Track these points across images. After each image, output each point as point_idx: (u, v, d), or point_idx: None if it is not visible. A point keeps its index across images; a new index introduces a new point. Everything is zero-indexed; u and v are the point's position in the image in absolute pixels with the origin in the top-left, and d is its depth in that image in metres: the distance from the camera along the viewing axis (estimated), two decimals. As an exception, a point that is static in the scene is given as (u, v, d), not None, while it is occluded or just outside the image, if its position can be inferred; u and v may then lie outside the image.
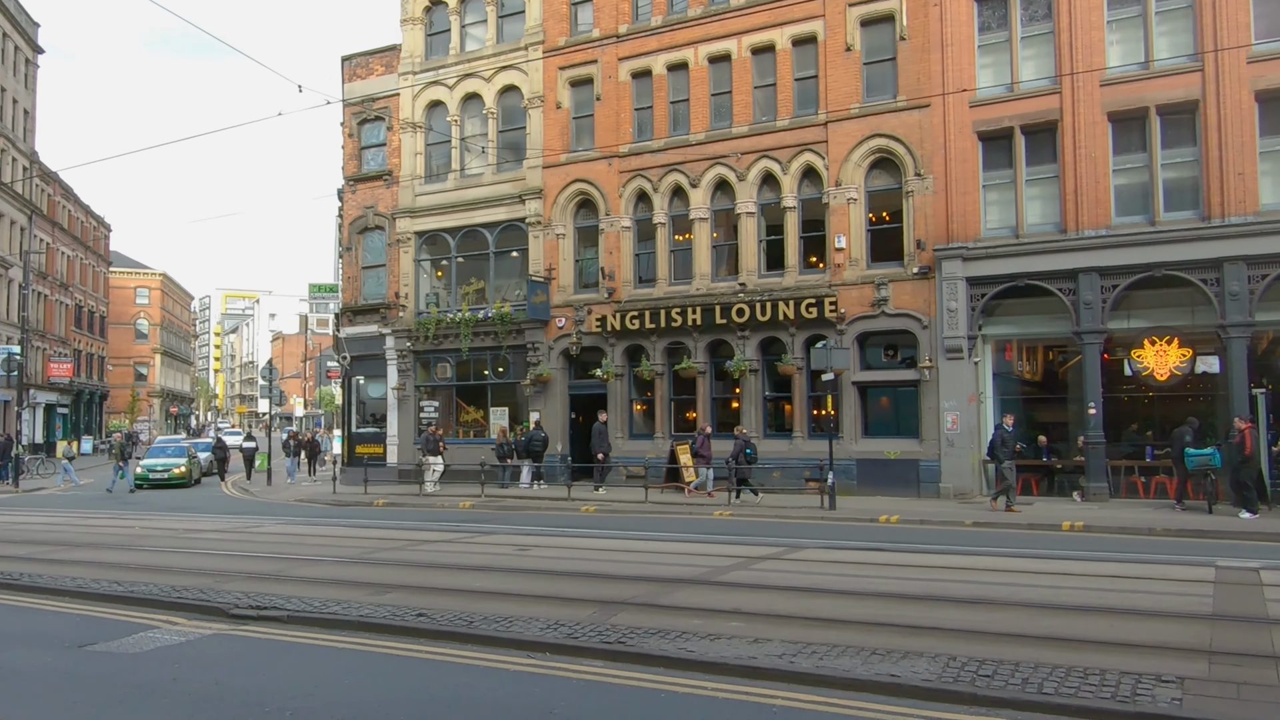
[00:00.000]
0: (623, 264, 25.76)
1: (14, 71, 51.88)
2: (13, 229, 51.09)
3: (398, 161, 28.98)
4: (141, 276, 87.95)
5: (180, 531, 17.94)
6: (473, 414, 28.10)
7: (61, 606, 10.80)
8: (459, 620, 8.96)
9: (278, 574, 12.37)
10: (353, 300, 29.57)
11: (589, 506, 21.31)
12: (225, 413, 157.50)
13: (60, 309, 59.69)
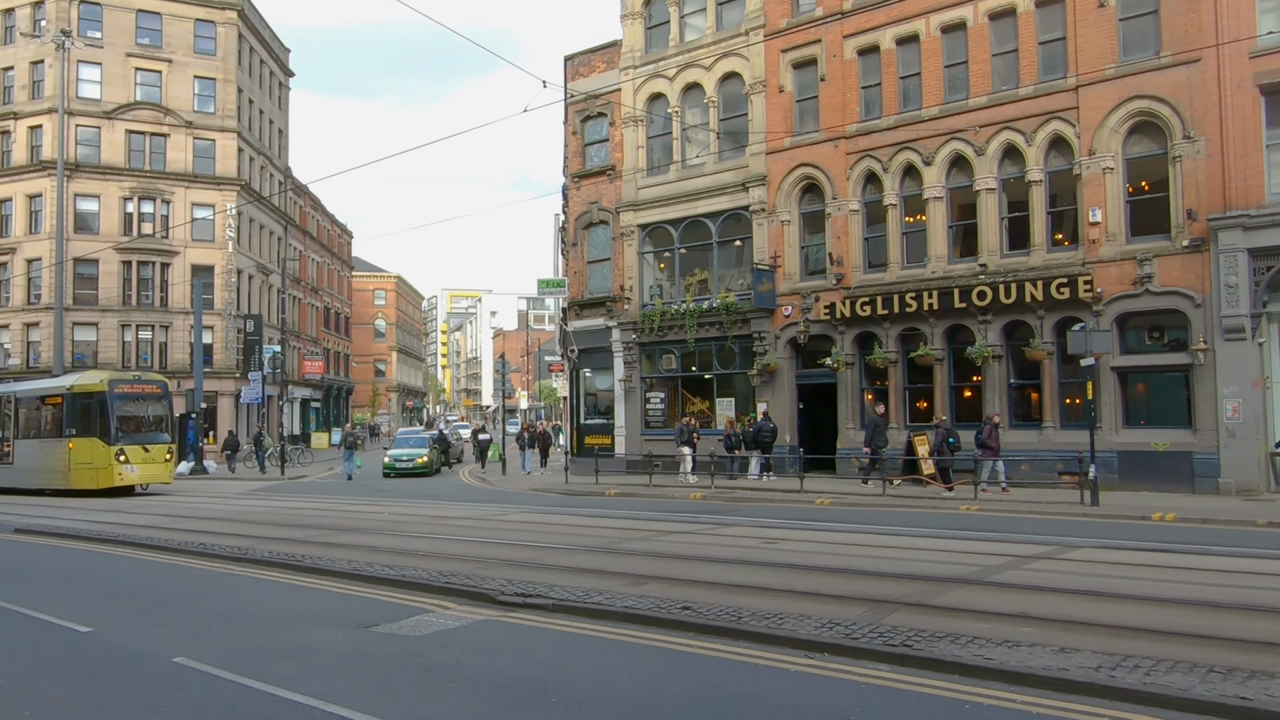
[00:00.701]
0: (851, 249, 24.90)
1: (270, 95, 56.79)
2: (271, 238, 55.97)
3: (620, 156, 29.34)
4: (379, 279, 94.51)
5: (432, 518, 18.82)
6: (698, 405, 28.05)
7: (340, 588, 11.41)
8: (726, 615, 8.69)
9: (533, 561, 12.62)
10: (579, 294, 30.23)
11: (824, 499, 20.71)
12: (452, 406, 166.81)
13: (311, 311, 64.97)
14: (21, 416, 29.72)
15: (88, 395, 27.16)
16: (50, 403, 28.62)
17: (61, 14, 46.21)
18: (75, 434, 27.26)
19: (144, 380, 29.54)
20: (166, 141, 48.18)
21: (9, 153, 47.69)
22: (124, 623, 9.82)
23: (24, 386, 31.31)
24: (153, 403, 28.62)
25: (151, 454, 27.38)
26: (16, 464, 29.16)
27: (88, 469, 26.83)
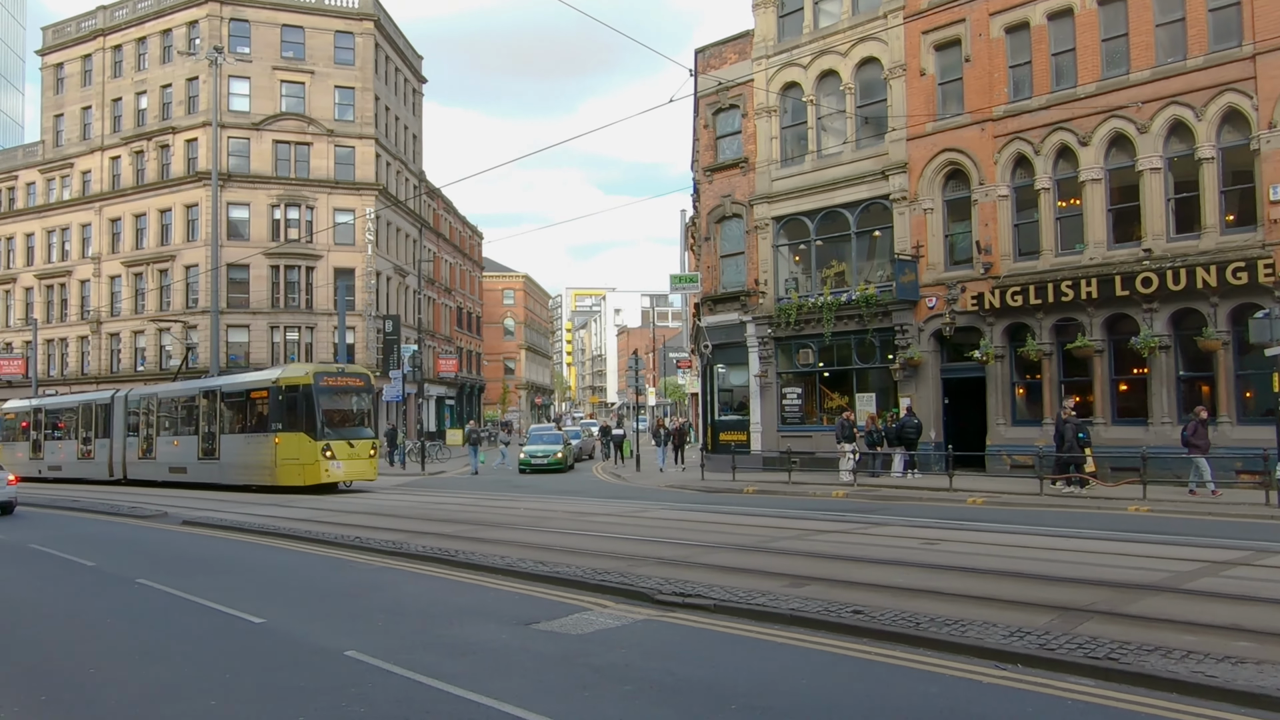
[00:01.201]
0: (1000, 236, 23.78)
1: (404, 101, 58.51)
2: (407, 241, 57.68)
3: (753, 148, 28.86)
4: (507, 279, 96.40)
5: (574, 514, 18.83)
6: (837, 400, 27.32)
7: (495, 583, 11.42)
8: (902, 620, 8.23)
9: (683, 560, 12.38)
10: (712, 289, 29.91)
11: (976, 498, 19.79)
12: (578, 403, 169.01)
13: (445, 311, 66.69)
14: (226, 411, 29.20)
15: (293, 388, 26.32)
16: (255, 396, 27.89)
17: (214, 31, 48.71)
18: (281, 429, 26.42)
19: (347, 373, 28.60)
20: (310, 150, 50.20)
21: (168, 165, 50.58)
22: (294, 614, 10.03)
23: (228, 380, 30.88)
24: (356, 395, 27.76)
25: (356, 449, 26.60)
26: (223, 459, 28.74)
27: (294, 465, 26.07)
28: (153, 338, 50.48)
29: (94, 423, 35.59)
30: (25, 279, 56.35)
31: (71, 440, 37.01)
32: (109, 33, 53.29)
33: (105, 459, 34.70)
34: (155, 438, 32.37)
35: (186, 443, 30.51)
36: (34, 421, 39.85)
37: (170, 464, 31.25)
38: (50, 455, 38.39)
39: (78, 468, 36.28)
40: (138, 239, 51.57)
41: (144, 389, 35.38)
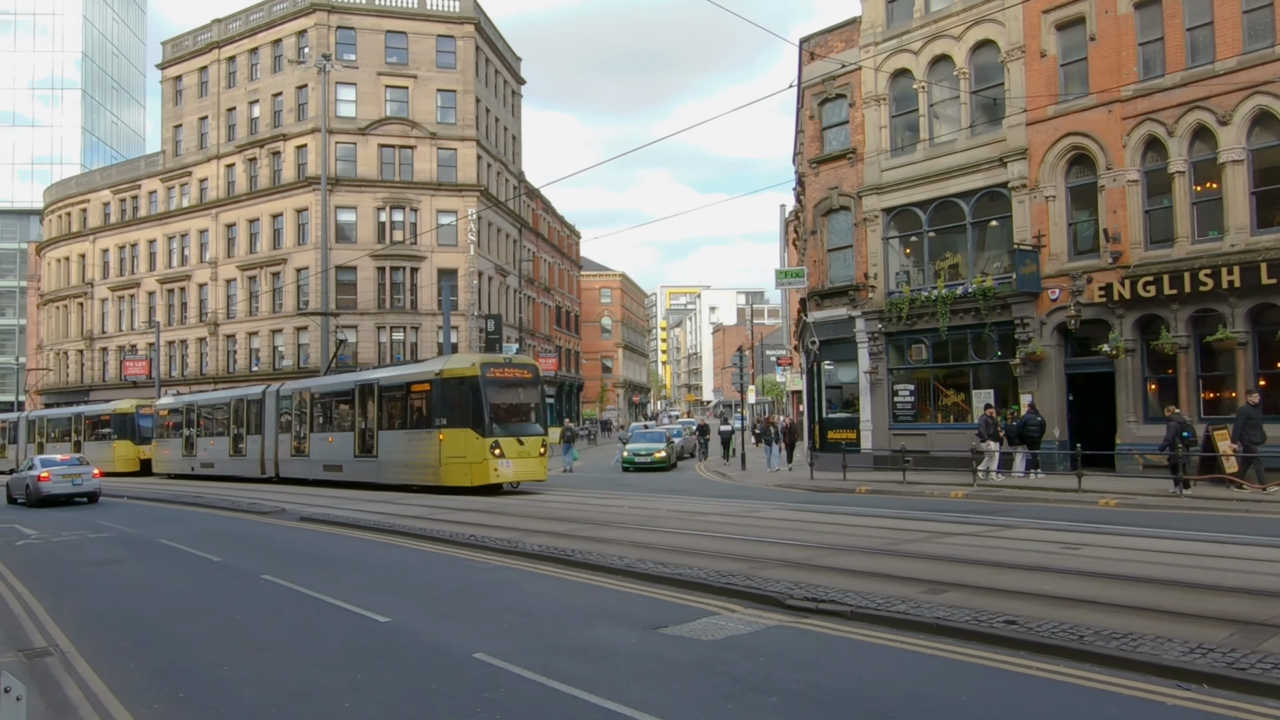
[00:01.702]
0: (1129, 223, 22.52)
1: (503, 103, 59.12)
2: (507, 241, 58.28)
3: (861, 138, 28.06)
4: (604, 278, 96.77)
5: (685, 513, 18.49)
6: (952, 398, 26.35)
7: (615, 584, 11.17)
8: (1064, 633, 7.64)
9: (807, 562, 11.93)
10: (819, 284, 29.20)
11: (1109, 500, 18.72)
12: (674, 401, 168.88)
13: (545, 310, 67.21)
14: (385, 406, 27.35)
15: (458, 380, 24.27)
16: (416, 389, 26.00)
17: (321, 40, 50.00)
18: (445, 424, 24.43)
19: (515, 363, 26.63)
20: (413, 153, 51.10)
21: (279, 171, 52.16)
22: (418, 613, 9.94)
23: (386, 373, 28.71)
24: (525, 389, 25.65)
25: (526, 447, 24.41)
26: (381, 457, 27.12)
27: (460, 464, 24.13)
28: (266, 338, 52.13)
29: (245, 419, 35.01)
30: (148, 283, 58.90)
31: (223, 437, 36.53)
32: (223, 45, 55.25)
33: (257, 456, 34.02)
34: (308, 434, 31.16)
35: (342, 439, 29.16)
36: (186, 418, 39.76)
37: (324, 461, 29.99)
38: (202, 452, 38.16)
39: (229, 465, 35.84)
40: (251, 243, 53.32)
41: (296, 383, 34.11)
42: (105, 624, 10.05)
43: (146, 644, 9.05)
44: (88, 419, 46.76)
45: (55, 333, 66.61)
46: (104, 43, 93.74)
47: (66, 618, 10.41)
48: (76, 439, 46.72)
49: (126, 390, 55.72)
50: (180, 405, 40.92)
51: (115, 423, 44.84)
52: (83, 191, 64.69)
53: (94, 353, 62.58)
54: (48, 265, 68.01)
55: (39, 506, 26.22)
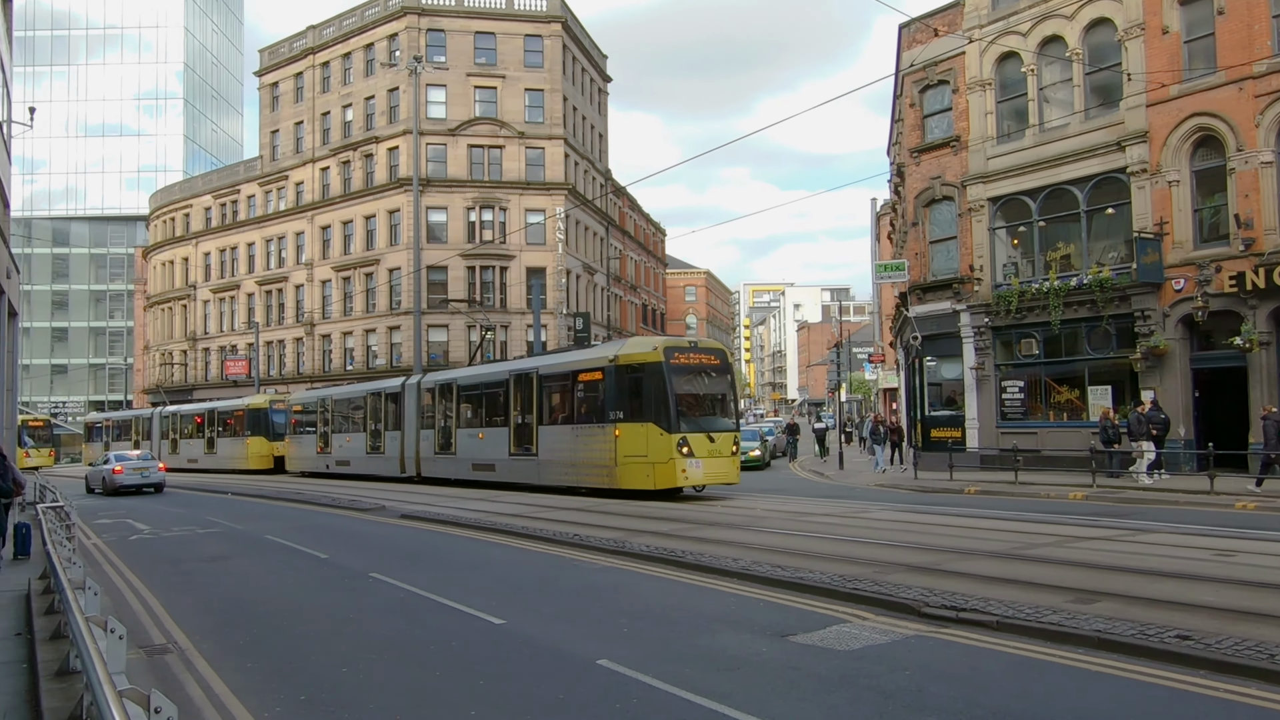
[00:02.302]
0: (1263, 208, 21.10)
1: (590, 101, 59.11)
2: (594, 239, 58.24)
3: (965, 125, 27.02)
4: (689, 275, 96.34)
5: (790, 514, 17.91)
6: (1065, 394, 25.14)
7: (731, 587, 10.71)
8: (1250, 651, 6.91)
9: (933, 566, 11.27)
10: (920, 277, 28.23)
11: (1246, 502, 17.52)
12: (758, 400, 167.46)
13: (631, 308, 67.07)
14: (546, 398, 24.65)
15: (636, 368, 21.15)
16: (585, 379, 22.99)
17: (412, 42, 50.66)
18: (622, 418, 21.39)
19: (702, 348, 22.76)
20: (502, 153, 51.42)
21: (372, 174, 53.04)
22: (533, 616, 9.63)
23: (548, 360, 25.84)
24: (714, 376, 22.16)
25: (717, 444, 21.06)
26: (542, 456, 24.24)
27: (639, 464, 21.09)
28: (360, 338, 53.07)
29: (383, 414, 33.00)
30: (247, 285, 60.58)
31: (359, 433, 34.77)
32: (317, 50, 56.45)
33: (396, 454, 31.98)
34: (455, 430, 28.65)
35: (494, 436, 26.35)
36: (320, 414, 38.15)
37: (474, 460, 27.41)
38: (337, 449, 36.54)
39: (366, 463, 34.01)
40: (345, 244, 54.35)
41: (439, 374, 32.26)
42: (221, 621, 9.99)
43: (263, 643, 8.92)
44: (220, 414, 46.10)
45: (160, 334, 69.07)
46: (204, 53, 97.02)
47: (183, 614, 10.40)
48: (209, 435, 46.61)
49: (227, 389, 57.42)
50: (313, 400, 39.49)
51: (248, 418, 43.64)
52: (185, 197, 66.93)
53: (196, 353, 64.66)
54: (153, 269, 70.57)
55: (113, 495, 28.08)
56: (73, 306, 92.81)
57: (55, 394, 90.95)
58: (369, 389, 34.97)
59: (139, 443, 52.25)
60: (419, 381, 31.29)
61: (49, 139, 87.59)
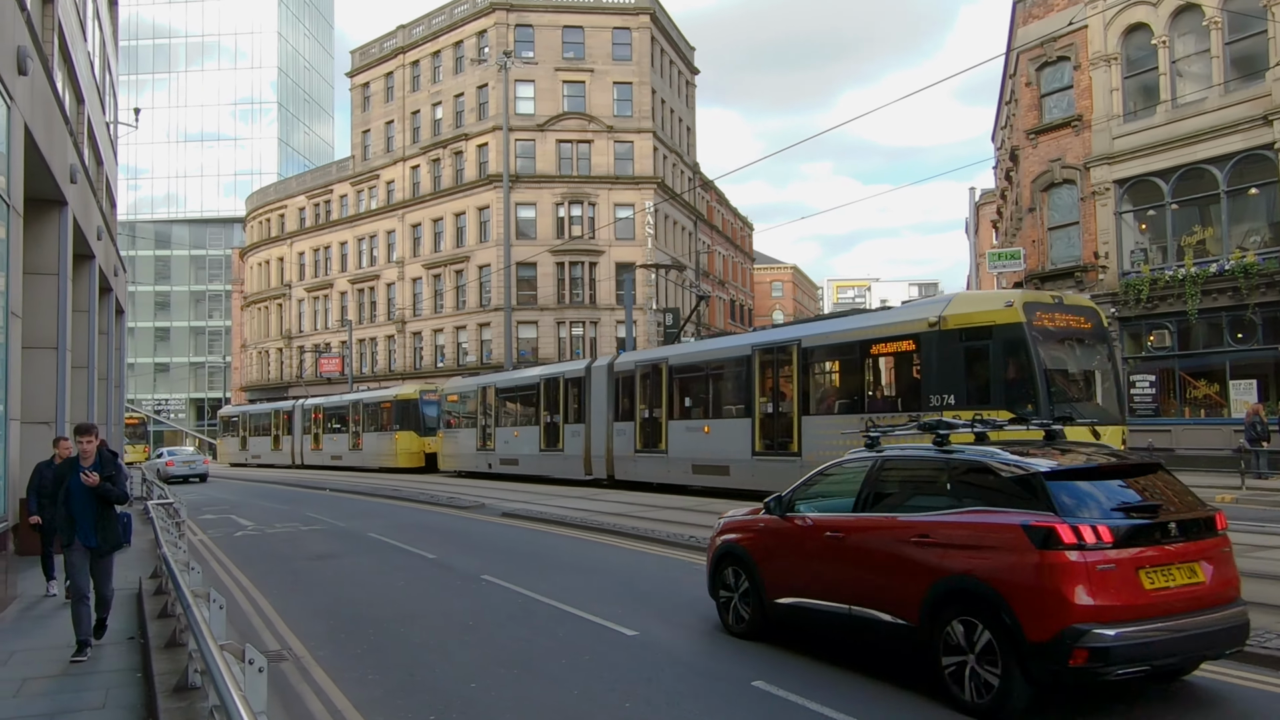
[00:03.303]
0: None
1: (678, 94, 58.30)
2: (683, 234, 57.43)
3: (1088, 103, 25.42)
4: (776, 270, 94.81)
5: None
6: (1203, 389, 23.40)
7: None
8: None
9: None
10: (1038, 266, 26.70)
11: None
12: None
13: (719, 304, 66.07)
14: (818, 378, 18.91)
15: (978, 332, 15.12)
16: (885, 350, 17.09)
17: (500, 38, 50.55)
18: (952, 403, 15.32)
19: (1071, 306, 15.74)
20: (590, 147, 50.96)
21: (461, 171, 53.14)
22: (664, 626, 8.84)
23: (819, 327, 19.52)
24: (1090, 346, 15.88)
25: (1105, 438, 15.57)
26: (806, 455, 18.14)
27: None
28: (450, 335, 53.22)
29: (562, 403, 28.00)
30: (340, 284, 61.41)
31: (530, 427, 29.73)
32: (407, 50, 56.83)
33: (579, 451, 26.94)
34: (665, 422, 23.07)
35: (727, 430, 20.64)
36: (480, 405, 33.26)
37: (696, 460, 21.75)
38: (503, 446, 31.40)
39: (540, 463, 29.05)
40: (436, 242, 54.59)
41: (641, 353, 26.47)
42: (335, 625, 9.46)
43: (382, 651, 8.33)
44: (366, 407, 42.73)
45: (257, 332, 70.62)
46: (296, 58, 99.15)
47: (295, 617, 9.92)
48: (354, 429, 43.53)
49: (321, 387, 58.25)
50: (471, 389, 34.32)
51: (396, 411, 39.93)
52: (280, 198, 68.25)
53: (292, 351, 65.87)
54: (250, 269, 72.20)
55: (166, 482, 30.62)
56: (174, 307, 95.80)
57: (158, 392, 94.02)
58: (543, 374, 29.73)
59: (279, 438, 50.62)
60: (610, 363, 26.00)
61: (151, 144, 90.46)
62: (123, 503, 8.28)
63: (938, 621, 6.24)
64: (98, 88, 23.98)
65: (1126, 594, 5.65)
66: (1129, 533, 5.82)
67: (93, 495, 7.98)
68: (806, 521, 7.67)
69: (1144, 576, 5.73)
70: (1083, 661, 5.52)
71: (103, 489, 7.98)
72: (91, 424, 8.53)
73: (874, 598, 6.81)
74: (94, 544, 8.06)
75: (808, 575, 7.54)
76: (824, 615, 7.31)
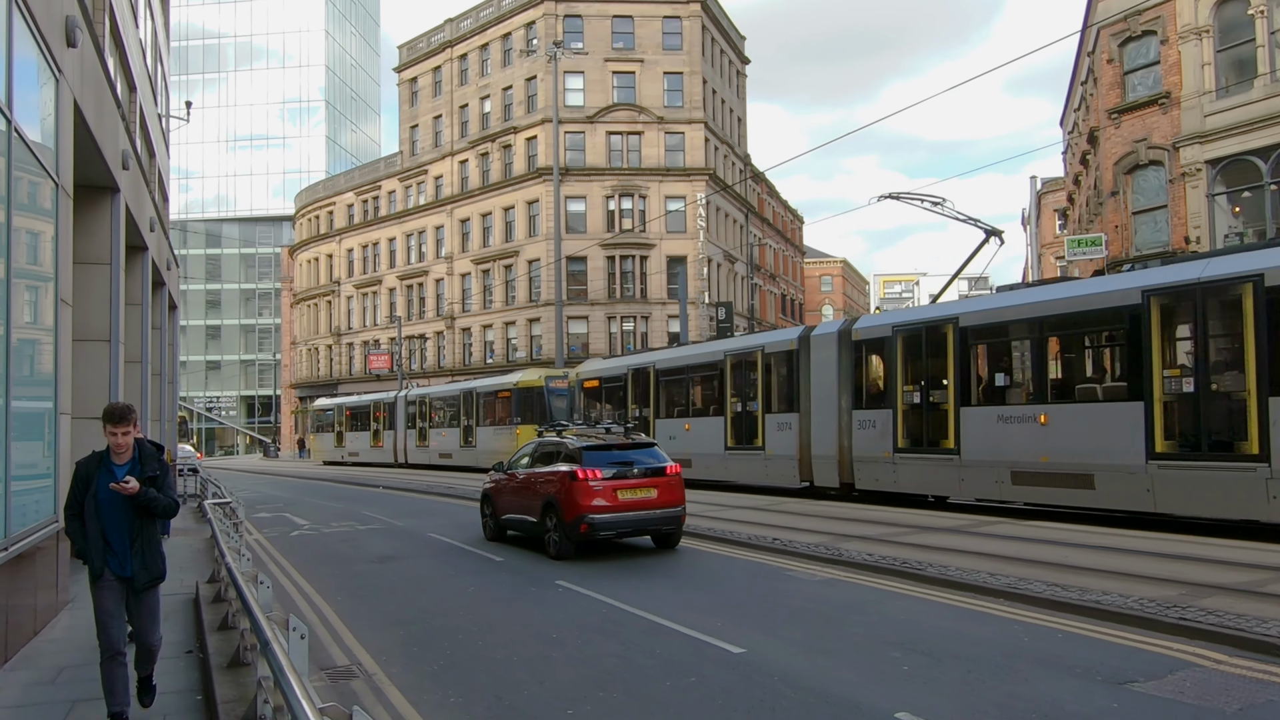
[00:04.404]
0: None
1: (728, 84, 57.21)
2: (734, 226, 56.36)
3: (1176, 79, 23.99)
4: (826, 264, 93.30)
5: (1019, 520, 15.72)
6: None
7: (1001, 609, 8.81)
8: None
9: (1254, 588, 9.05)
10: (1122, 252, 25.30)
11: None
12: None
13: (770, 298, 64.91)
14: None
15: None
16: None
17: (549, 30, 49.83)
18: None
19: None
20: (640, 139, 50.08)
21: (510, 165, 52.54)
22: (774, 642, 7.91)
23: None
24: None
25: None
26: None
27: None
28: (500, 330, 52.65)
29: (758, 384, 21.55)
30: (389, 280, 61.17)
31: (707, 418, 23.29)
32: (455, 43, 56.36)
33: (788, 449, 20.47)
34: (954, 409, 16.54)
35: (1080, 419, 14.64)
36: (635, 389, 26.06)
37: (1016, 464, 15.44)
38: (669, 442, 23.07)
39: (727, 464, 22.48)
40: (484, 237, 54.06)
41: (893, 314, 19.70)
42: (406, 637, 8.67)
43: (461, 668, 7.52)
44: (481, 397, 37.01)
45: (306, 329, 70.72)
46: (343, 56, 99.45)
47: (362, 626, 9.16)
48: (466, 422, 37.93)
49: (370, 384, 58.01)
50: (622, 370, 27.03)
51: (517, 400, 34.20)
52: (329, 195, 68.22)
53: (341, 347, 65.82)
54: (299, 267, 72.33)
55: None
56: (224, 305, 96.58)
57: (209, 389, 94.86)
58: (727, 348, 22.98)
59: (379, 434, 45.26)
60: (844, 330, 19.38)
61: (201, 144, 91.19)
62: (172, 514, 6.09)
63: (543, 518, 13.16)
64: (149, 77, 23.57)
65: (608, 500, 12.47)
66: (612, 474, 12.65)
67: (129, 505, 5.83)
68: (513, 475, 14.64)
69: (619, 493, 12.55)
70: (585, 529, 12.34)
71: (145, 497, 5.79)
72: (127, 406, 6.01)
73: (528, 509, 13.69)
74: (130, 573, 5.90)
75: (509, 502, 14.50)
76: (513, 521, 14.35)
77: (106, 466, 5.91)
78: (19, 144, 7.93)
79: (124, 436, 5.89)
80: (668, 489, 12.91)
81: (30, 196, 8.72)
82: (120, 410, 5.92)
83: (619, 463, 12.90)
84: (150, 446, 6.09)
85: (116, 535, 5.88)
